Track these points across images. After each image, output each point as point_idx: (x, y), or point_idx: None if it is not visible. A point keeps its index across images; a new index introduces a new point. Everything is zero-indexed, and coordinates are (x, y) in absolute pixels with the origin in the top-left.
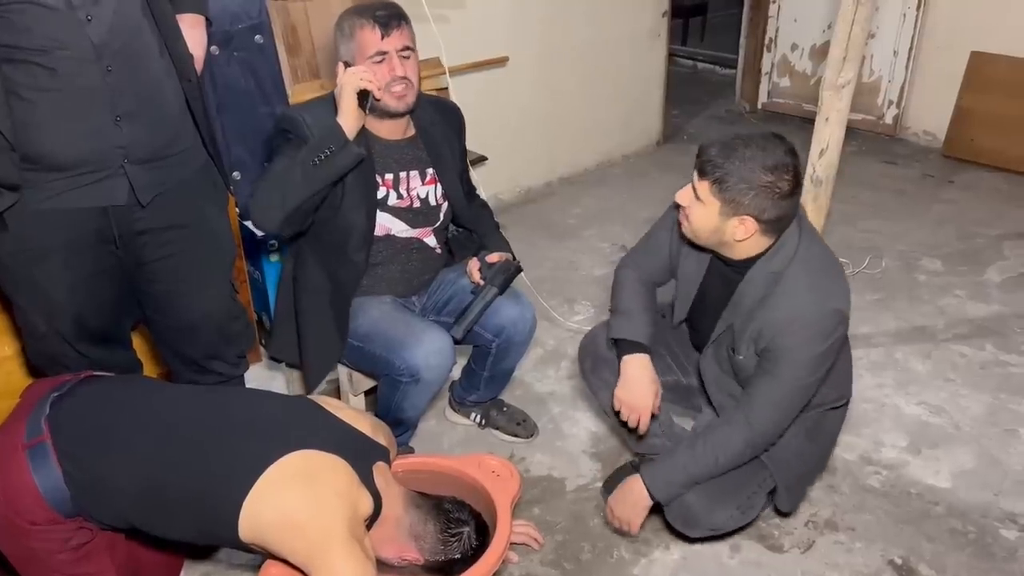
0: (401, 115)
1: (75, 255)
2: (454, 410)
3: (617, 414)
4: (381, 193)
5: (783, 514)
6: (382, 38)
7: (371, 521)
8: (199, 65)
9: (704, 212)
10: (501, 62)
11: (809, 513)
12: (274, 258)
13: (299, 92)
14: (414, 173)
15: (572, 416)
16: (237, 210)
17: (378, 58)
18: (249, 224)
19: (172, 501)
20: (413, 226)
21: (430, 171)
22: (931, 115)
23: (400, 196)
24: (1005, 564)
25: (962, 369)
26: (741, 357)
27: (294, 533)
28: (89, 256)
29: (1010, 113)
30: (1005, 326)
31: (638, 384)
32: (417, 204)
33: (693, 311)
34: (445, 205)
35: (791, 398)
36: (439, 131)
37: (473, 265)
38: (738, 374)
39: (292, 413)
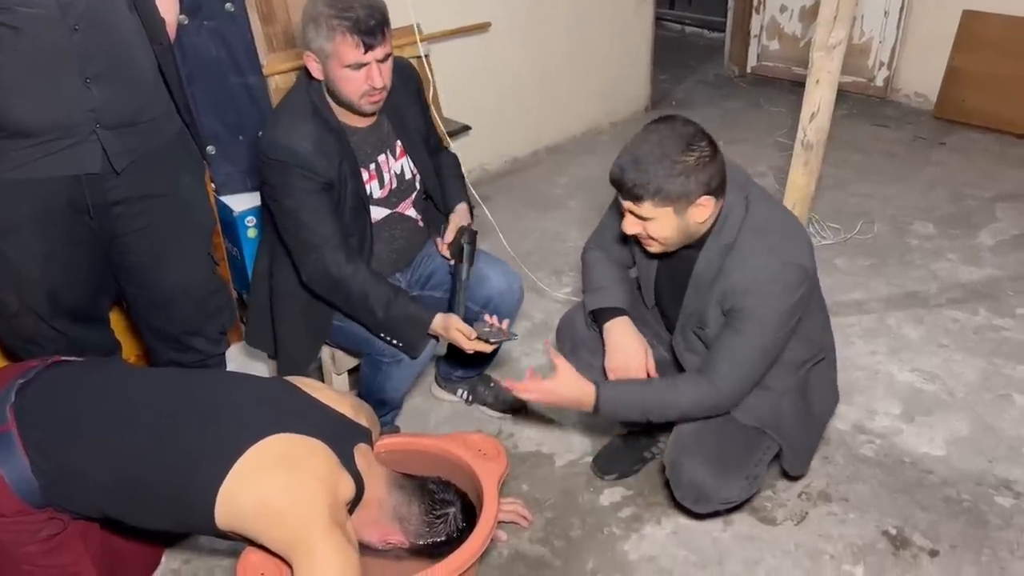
0: (372, 115)
1: (47, 227)
2: (440, 386)
3: None
4: (367, 190)
5: (792, 478)
6: (364, 52)
7: (353, 505)
8: (171, 29)
9: (662, 224)
10: (483, 28)
11: (802, 484)
12: (252, 234)
13: (274, 62)
14: (385, 154)
15: None
16: (213, 185)
17: (356, 67)
18: (225, 200)
19: (145, 490)
20: (394, 206)
21: (398, 144)
22: (922, 76)
23: (383, 184)
24: (1000, 532)
25: (955, 334)
26: (710, 330)
27: (272, 520)
28: (62, 228)
29: (1002, 73)
30: (998, 290)
31: (625, 347)
32: (395, 184)
33: (659, 296)
34: (418, 175)
35: (755, 357)
36: (399, 98)
37: (439, 243)
38: (709, 346)
39: (269, 396)
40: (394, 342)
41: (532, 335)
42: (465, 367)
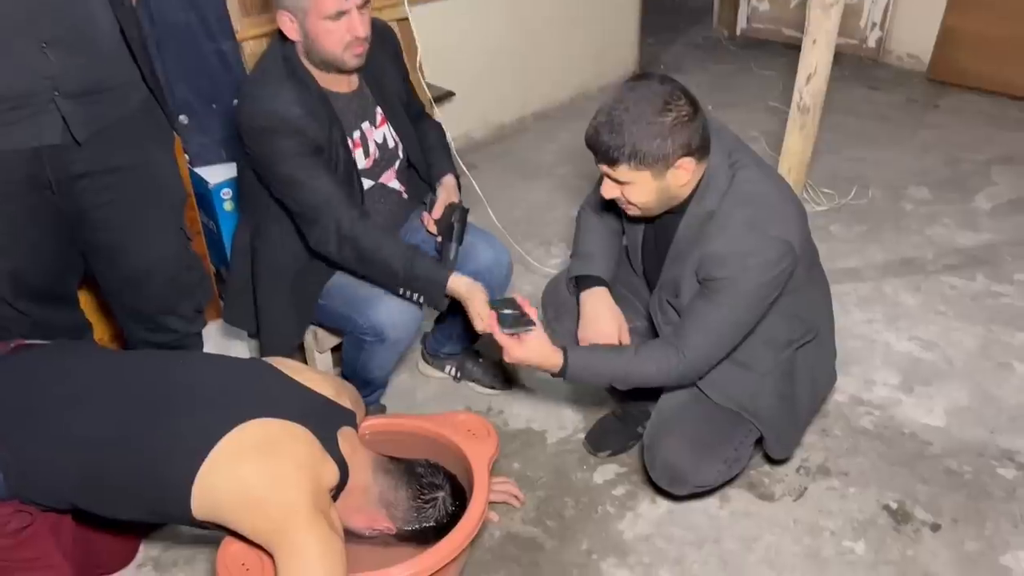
0: (355, 71)
1: (6, 203)
2: (427, 363)
3: None
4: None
5: (776, 462)
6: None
7: (337, 491)
8: None
9: (640, 188)
10: None
11: (800, 459)
12: (229, 207)
13: (248, 26)
14: (366, 123)
15: None
16: (187, 156)
17: (336, 16)
18: (200, 171)
19: (116, 480)
20: (378, 177)
21: (378, 111)
22: (915, 37)
23: (367, 153)
24: (1003, 504)
25: (953, 301)
26: (683, 299)
27: (252, 510)
28: (22, 204)
29: (997, 33)
30: (996, 255)
31: (598, 319)
32: (379, 154)
33: (646, 262)
34: (400, 144)
35: (724, 330)
36: (377, 61)
37: (426, 218)
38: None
39: (246, 379)
40: (416, 298)
41: None
42: (453, 342)
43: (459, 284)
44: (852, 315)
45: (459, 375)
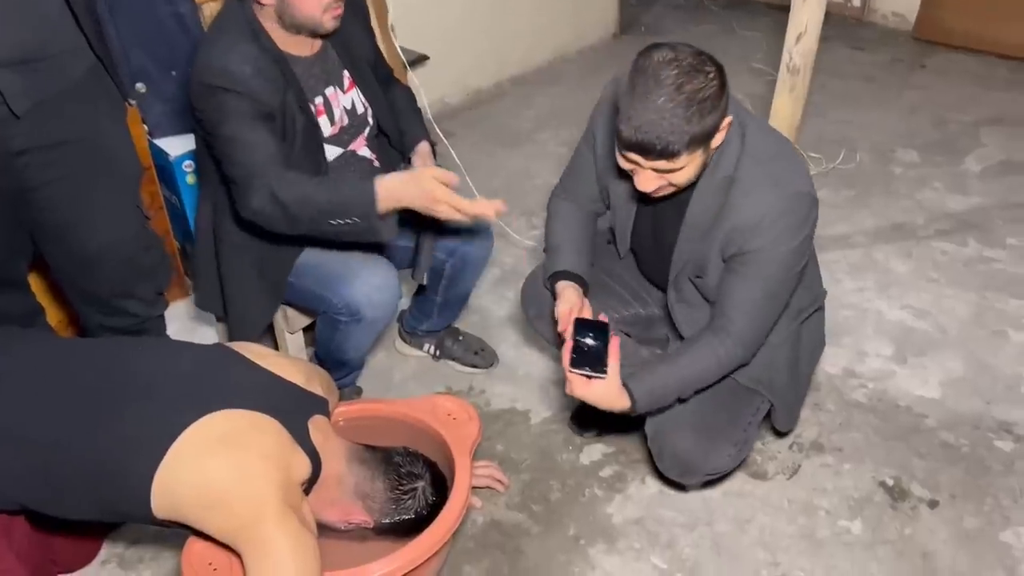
0: (331, 34)
1: None
2: (405, 341)
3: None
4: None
5: (781, 434)
6: None
7: (310, 484)
8: None
9: (691, 168)
10: None
11: (793, 435)
12: (192, 180)
13: None
14: (332, 88)
15: (534, 341)
16: (145, 127)
17: None
18: (160, 143)
19: (67, 479)
20: (347, 144)
21: (345, 75)
22: None
23: (333, 120)
24: (1002, 479)
25: (945, 267)
26: (709, 279)
27: (217, 507)
28: None
29: None
30: (987, 219)
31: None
32: (346, 121)
33: (638, 243)
34: (370, 109)
35: (770, 300)
36: (345, 24)
37: None
38: (709, 299)
39: (208, 367)
40: (345, 222)
41: (502, 284)
42: (432, 320)
43: (392, 185)
44: (842, 284)
45: (438, 353)
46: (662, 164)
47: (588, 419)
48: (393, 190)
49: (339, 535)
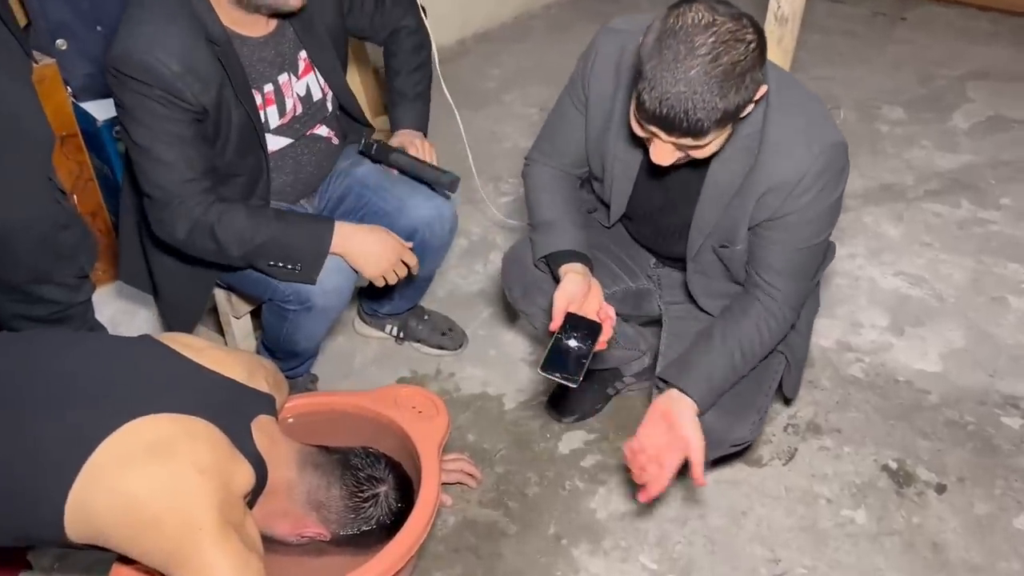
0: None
1: None
2: (365, 322)
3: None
4: (260, 119)
5: (788, 402)
6: None
7: (254, 495)
8: None
9: (717, 142)
10: None
11: (787, 416)
12: (123, 147)
13: None
14: (284, 75)
15: (506, 318)
16: (68, 90)
17: None
18: (87, 107)
19: None
20: (299, 134)
21: (302, 56)
22: None
23: (284, 111)
24: (1012, 459)
25: (938, 230)
26: (739, 247)
27: (144, 528)
28: None
29: None
30: (979, 178)
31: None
32: (300, 110)
33: (637, 209)
34: (329, 94)
35: (813, 258)
36: None
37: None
38: (731, 267)
39: (133, 364)
40: (289, 267)
41: (470, 256)
42: (393, 301)
43: (349, 232)
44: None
45: (402, 335)
46: (687, 141)
47: (567, 403)
48: (347, 237)
49: (291, 550)
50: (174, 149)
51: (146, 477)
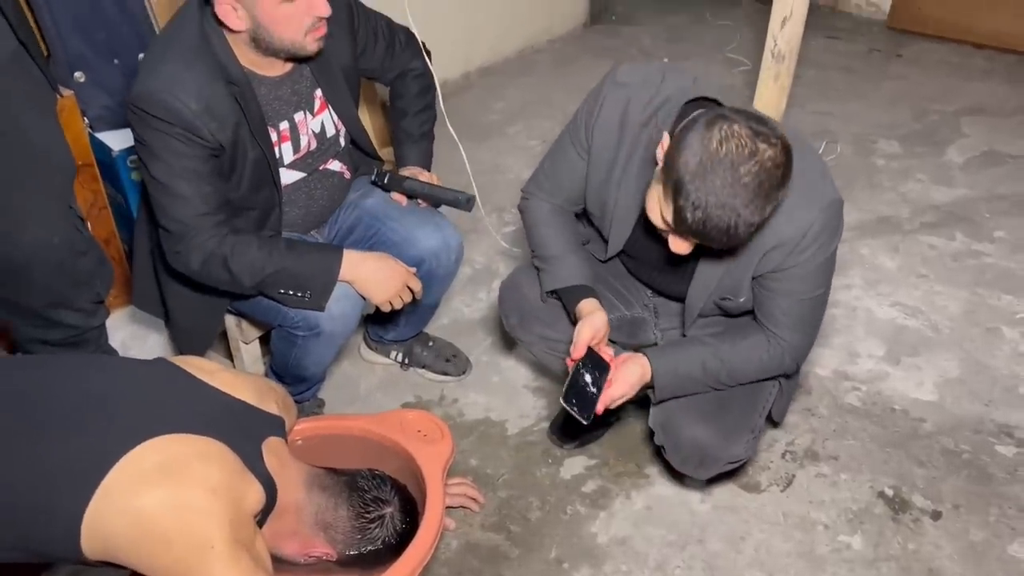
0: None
1: None
2: (371, 348)
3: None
4: (275, 155)
5: (776, 425)
6: None
7: (264, 515)
8: None
9: None
10: None
11: (785, 443)
12: (138, 176)
13: None
14: (300, 113)
15: (510, 346)
16: (85, 120)
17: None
18: (102, 137)
19: None
20: (312, 169)
21: (318, 95)
22: None
23: (298, 148)
24: (1006, 487)
25: (934, 262)
26: (743, 299)
27: (157, 546)
28: None
29: None
30: (973, 211)
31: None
32: (314, 145)
33: (634, 247)
34: (342, 130)
35: (818, 306)
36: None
37: (398, 196)
38: (732, 313)
39: (147, 386)
40: (299, 295)
41: (474, 284)
42: (399, 328)
43: (357, 260)
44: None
45: (407, 361)
46: (717, 247)
47: (569, 429)
48: (356, 265)
49: (299, 570)
50: (191, 184)
51: (158, 496)
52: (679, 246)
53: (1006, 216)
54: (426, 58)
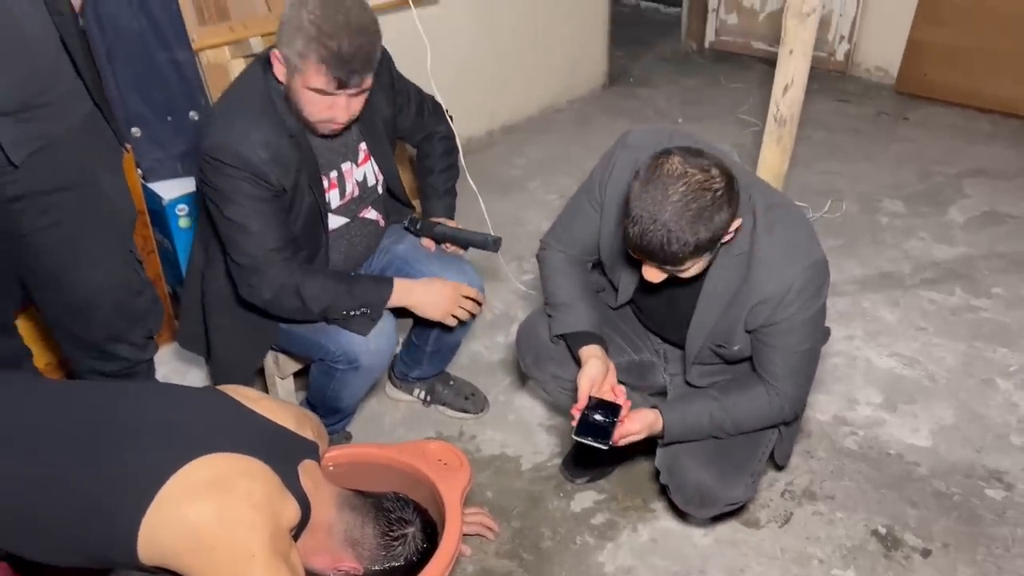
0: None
1: None
2: (395, 386)
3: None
4: (327, 199)
5: (780, 468)
6: (336, 88)
7: (298, 530)
8: None
9: (696, 267)
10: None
11: (785, 482)
12: (184, 224)
13: (205, 36)
14: (347, 163)
15: (525, 387)
16: (139, 171)
17: (322, 93)
18: (153, 187)
19: (51, 524)
20: (354, 214)
21: (362, 147)
22: (883, 50)
23: (344, 194)
24: (994, 528)
25: (933, 316)
26: (737, 348)
27: (204, 554)
28: None
29: (963, 45)
30: (973, 268)
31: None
32: (357, 193)
33: (644, 298)
34: (381, 178)
35: (810, 359)
36: (370, 94)
37: (427, 242)
38: (730, 360)
39: (197, 410)
40: (354, 313)
41: (493, 328)
42: (422, 366)
43: (409, 284)
44: (831, 332)
45: (429, 399)
46: (667, 267)
47: (580, 465)
48: (409, 290)
49: None
50: (260, 222)
51: (206, 508)
52: (649, 274)
53: (1004, 273)
54: (449, 123)
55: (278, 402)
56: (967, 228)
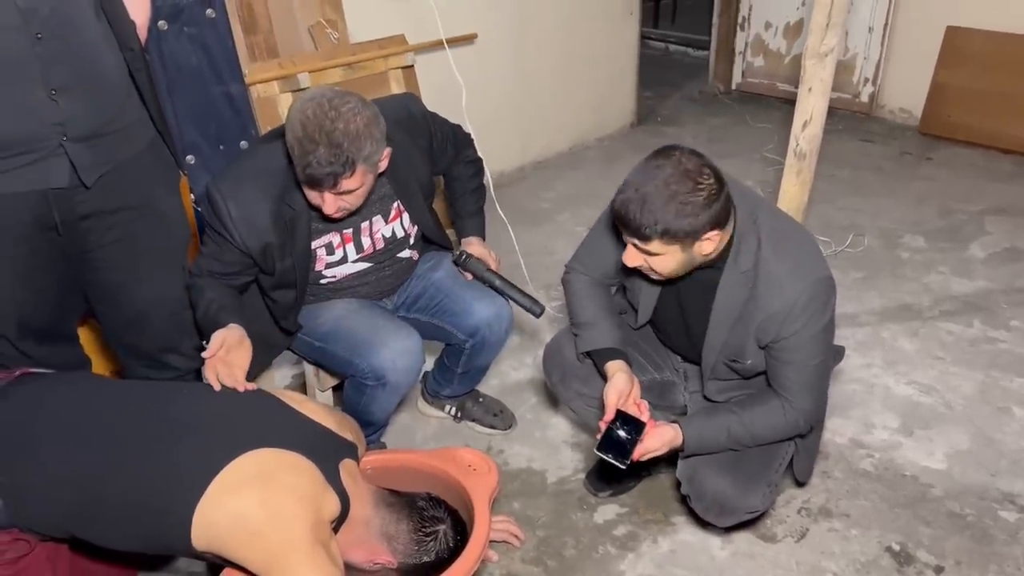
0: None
1: (12, 246)
2: (427, 402)
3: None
4: (338, 255)
5: (801, 485)
6: (313, 189)
7: (338, 523)
8: (142, 33)
9: (666, 259)
10: (469, 39)
11: (802, 500)
12: None
13: (256, 72)
14: (377, 217)
15: (551, 404)
16: (192, 195)
17: (307, 188)
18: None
19: (113, 510)
20: (382, 260)
21: (395, 205)
22: (907, 92)
23: (361, 248)
24: (1006, 547)
25: (951, 347)
26: (749, 362)
27: (252, 541)
28: (28, 246)
29: (986, 88)
30: (992, 302)
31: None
32: (380, 246)
33: (662, 316)
34: (415, 228)
35: (822, 373)
36: (403, 156)
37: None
38: (744, 374)
39: (248, 409)
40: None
41: (521, 349)
42: (453, 385)
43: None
44: (851, 359)
45: (459, 415)
46: (637, 242)
47: (603, 479)
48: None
49: (363, 575)
50: (213, 250)
51: (256, 499)
52: (627, 255)
53: (1023, 307)
54: (475, 146)
55: (321, 405)
56: (987, 263)
